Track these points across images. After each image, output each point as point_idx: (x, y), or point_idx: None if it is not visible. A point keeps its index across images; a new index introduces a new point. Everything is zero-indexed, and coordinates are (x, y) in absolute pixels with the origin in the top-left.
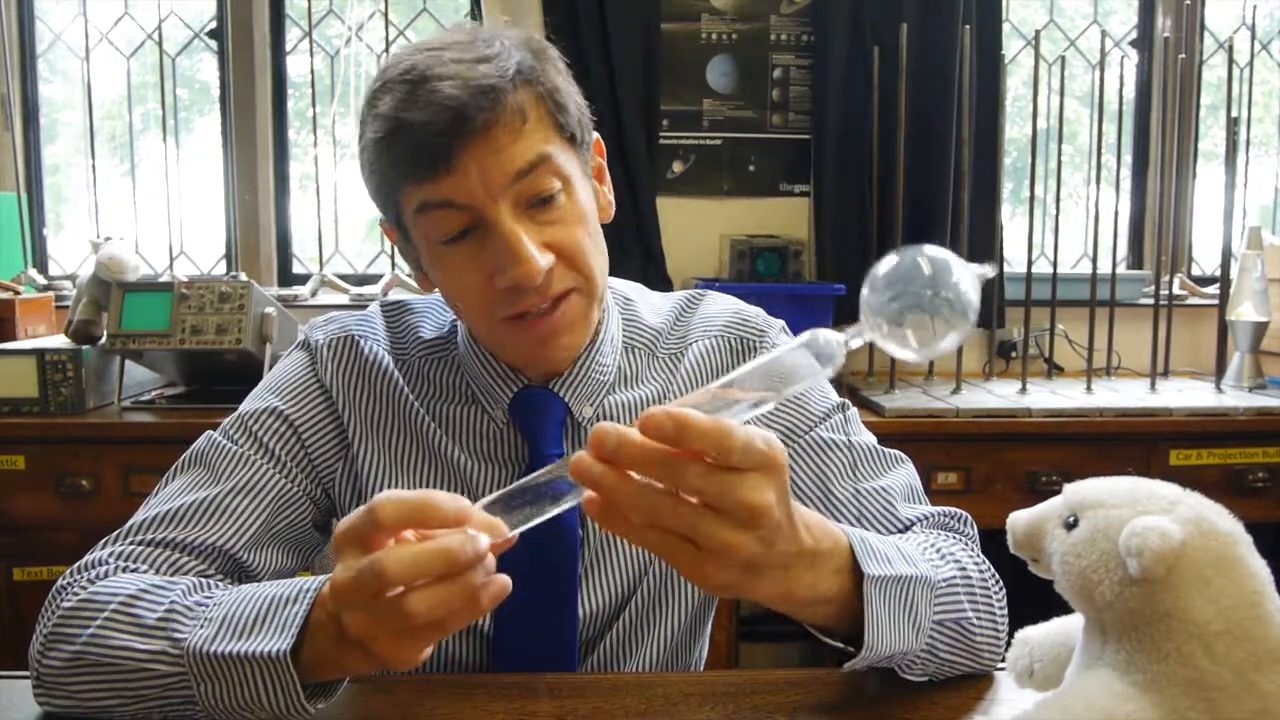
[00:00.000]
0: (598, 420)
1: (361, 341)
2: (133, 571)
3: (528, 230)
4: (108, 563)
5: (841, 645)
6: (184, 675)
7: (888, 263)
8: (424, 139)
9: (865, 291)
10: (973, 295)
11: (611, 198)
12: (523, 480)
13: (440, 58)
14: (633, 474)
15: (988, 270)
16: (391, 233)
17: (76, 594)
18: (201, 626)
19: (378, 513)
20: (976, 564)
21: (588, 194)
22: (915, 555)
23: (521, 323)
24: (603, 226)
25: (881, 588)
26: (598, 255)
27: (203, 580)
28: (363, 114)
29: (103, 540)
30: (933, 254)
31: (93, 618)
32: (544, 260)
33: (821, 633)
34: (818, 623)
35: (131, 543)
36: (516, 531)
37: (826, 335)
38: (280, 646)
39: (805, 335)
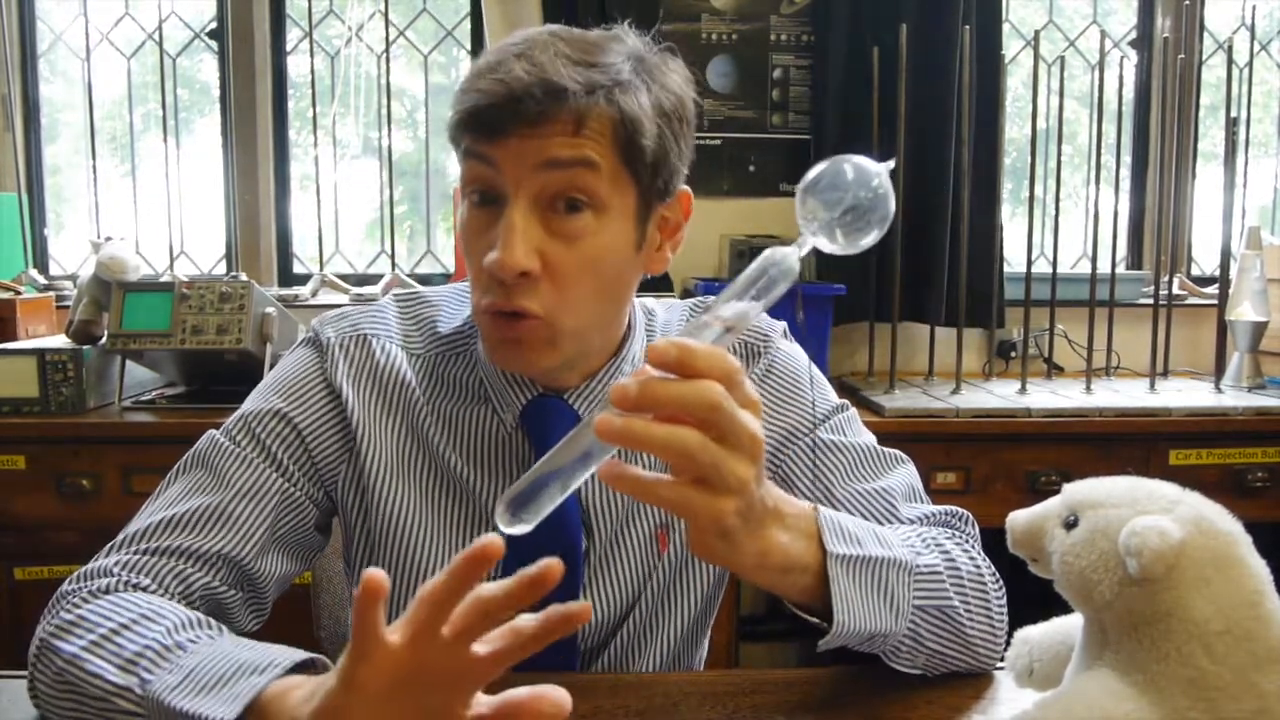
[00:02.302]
0: None
1: (374, 341)
2: (136, 587)
3: (531, 228)
4: (113, 573)
5: (817, 622)
6: (145, 717)
7: (816, 171)
8: (481, 106)
9: (801, 201)
10: (889, 191)
11: (670, 255)
12: (534, 473)
13: (550, 44)
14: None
15: (890, 164)
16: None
17: (76, 606)
18: (170, 673)
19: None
20: (971, 558)
21: (625, 238)
22: (892, 540)
23: (491, 316)
24: None
25: (847, 566)
26: (593, 299)
27: (197, 617)
28: None
29: (108, 545)
30: (853, 160)
31: (81, 637)
32: (526, 261)
33: (804, 611)
34: (796, 597)
35: (136, 551)
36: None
37: (780, 251)
38: (223, 715)
39: (763, 255)
